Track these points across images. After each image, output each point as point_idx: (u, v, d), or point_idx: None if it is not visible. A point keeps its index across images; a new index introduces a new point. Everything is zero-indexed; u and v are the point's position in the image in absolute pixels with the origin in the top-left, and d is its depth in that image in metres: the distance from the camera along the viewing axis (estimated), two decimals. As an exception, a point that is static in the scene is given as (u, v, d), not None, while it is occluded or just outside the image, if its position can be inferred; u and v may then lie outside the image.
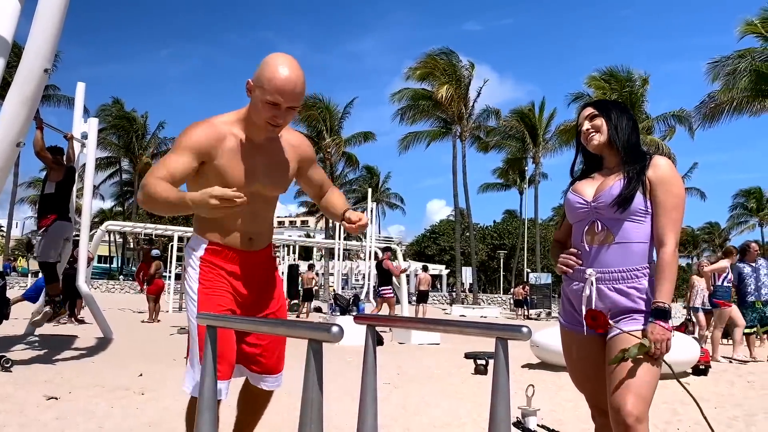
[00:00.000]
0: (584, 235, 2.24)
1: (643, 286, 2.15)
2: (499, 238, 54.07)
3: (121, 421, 3.98)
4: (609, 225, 2.19)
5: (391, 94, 37.21)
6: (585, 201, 2.24)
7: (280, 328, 1.62)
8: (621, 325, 2.13)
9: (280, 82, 2.12)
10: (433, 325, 2.02)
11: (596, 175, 2.31)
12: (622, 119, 2.26)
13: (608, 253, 2.17)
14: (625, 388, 2.04)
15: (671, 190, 2.14)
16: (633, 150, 2.23)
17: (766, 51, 24.51)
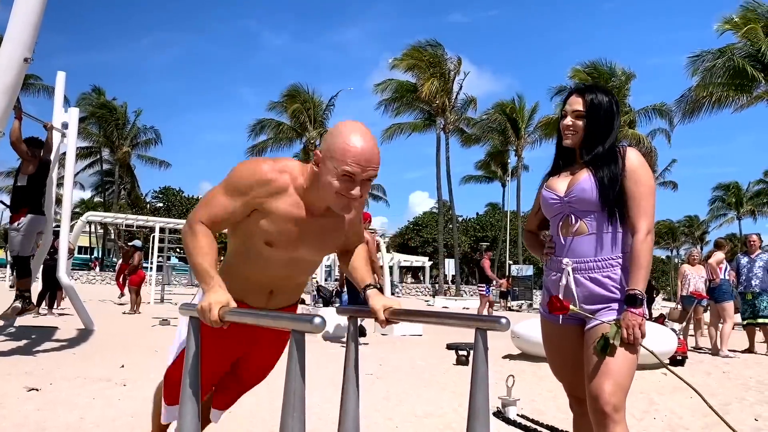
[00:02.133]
0: (559, 228, 2.32)
1: (617, 275, 2.20)
2: (482, 230, 54.36)
3: (103, 412, 3.97)
4: (582, 217, 2.25)
5: (375, 84, 37.17)
6: (558, 196, 2.31)
7: (264, 319, 1.65)
8: (599, 315, 2.18)
9: (357, 150, 1.85)
10: (414, 316, 2.05)
11: (568, 170, 2.36)
12: (608, 123, 2.27)
13: (583, 244, 2.24)
14: (603, 377, 2.09)
15: (640, 180, 2.20)
16: (603, 155, 2.25)
17: (744, 47, 24.82)
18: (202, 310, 1.78)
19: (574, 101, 2.30)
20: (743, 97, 25.31)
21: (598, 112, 2.26)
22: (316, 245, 2.10)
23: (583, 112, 2.27)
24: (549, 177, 2.42)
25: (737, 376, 7.02)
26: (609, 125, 2.27)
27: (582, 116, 2.27)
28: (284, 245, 2.02)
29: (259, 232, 2.00)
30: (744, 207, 56.39)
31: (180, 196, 55.22)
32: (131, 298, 13.57)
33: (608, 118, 2.27)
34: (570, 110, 2.30)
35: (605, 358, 2.11)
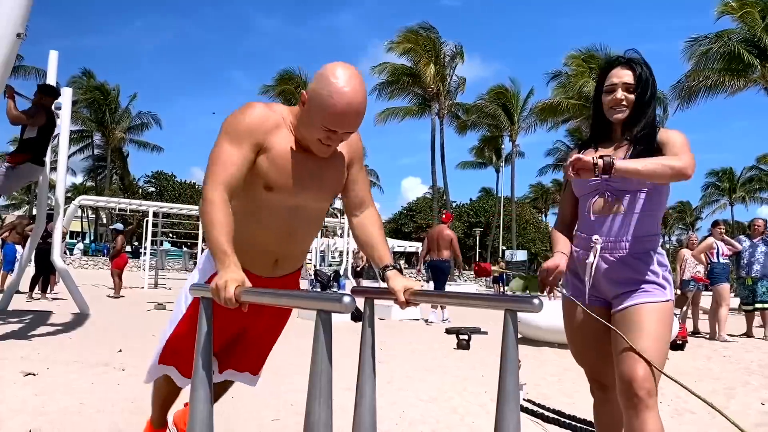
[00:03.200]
0: (592, 205, 2.18)
1: (649, 257, 2.12)
2: (476, 216, 54.34)
3: (103, 397, 3.89)
4: (619, 196, 2.14)
5: (371, 67, 36.91)
6: None
7: (284, 299, 1.56)
8: (631, 298, 2.10)
9: (341, 107, 1.81)
10: (437, 297, 1.97)
11: (600, 146, 2.25)
12: (652, 98, 2.18)
13: (615, 223, 2.13)
14: (636, 360, 2.01)
15: (677, 140, 2.09)
16: (647, 135, 2.15)
17: (741, 32, 24.76)
18: (217, 289, 1.67)
19: (623, 73, 2.17)
20: (738, 83, 25.28)
21: (646, 85, 2.16)
22: (315, 186, 2.02)
23: (634, 84, 2.15)
24: (580, 152, 2.27)
25: (738, 360, 7.01)
26: (653, 100, 2.19)
27: (632, 89, 2.15)
28: (284, 186, 1.95)
29: (260, 175, 1.93)
30: (737, 193, 56.62)
31: (172, 180, 54.84)
32: (114, 281, 13.42)
33: (653, 92, 2.19)
34: (620, 83, 2.16)
35: (639, 342, 2.02)
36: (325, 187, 2.05)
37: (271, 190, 1.94)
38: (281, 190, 1.96)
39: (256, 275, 2.03)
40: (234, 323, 2.18)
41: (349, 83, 1.81)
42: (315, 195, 2.05)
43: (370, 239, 2.12)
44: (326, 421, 1.35)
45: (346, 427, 1.97)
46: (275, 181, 1.94)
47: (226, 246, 1.76)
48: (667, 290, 2.11)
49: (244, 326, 2.26)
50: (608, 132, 2.25)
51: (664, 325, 2.06)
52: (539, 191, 69.29)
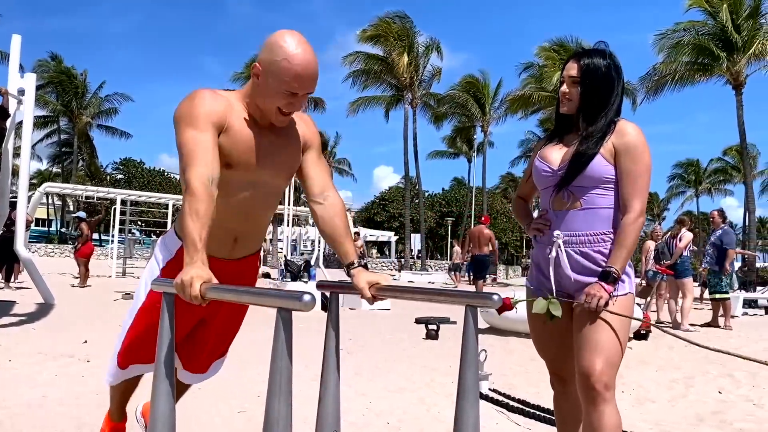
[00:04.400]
0: (551, 201, 2.23)
1: (608, 251, 2.14)
2: (447, 206, 54.58)
3: (67, 390, 3.85)
4: (575, 192, 2.17)
5: (343, 57, 36.63)
6: (551, 169, 2.23)
7: (246, 296, 1.56)
8: None
9: (299, 68, 1.85)
10: (401, 293, 1.98)
11: (565, 138, 2.27)
12: (606, 90, 2.16)
13: (575, 218, 2.17)
14: (594, 354, 2.05)
15: (639, 158, 2.11)
16: (602, 122, 2.16)
17: (707, 25, 25.19)
18: (182, 285, 1.65)
19: (570, 66, 2.20)
20: (705, 75, 25.75)
21: (593, 78, 2.15)
22: (272, 162, 2.03)
23: (578, 77, 2.16)
24: (544, 144, 2.33)
25: (699, 349, 7.17)
26: (607, 92, 2.16)
27: (577, 82, 2.16)
28: (243, 163, 1.97)
29: (221, 154, 1.92)
30: (702, 185, 57.77)
31: (141, 167, 53.97)
32: (79, 270, 13.20)
33: (606, 83, 2.16)
34: (566, 76, 2.19)
35: (597, 335, 2.07)
36: (281, 164, 2.08)
37: (231, 167, 1.95)
38: (240, 166, 1.97)
39: (217, 258, 2.01)
40: (192, 317, 2.16)
41: (300, 46, 1.87)
42: (272, 172, 2.06)
43: (335, 233, 2.10)
44: (286, 418, 1.36)
45: (315, 417, 1.99)
46: (235, 159, 1.96)
47: (198, 241, 1.74)
48: (627, 283, 2.15)
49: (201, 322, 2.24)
50: (572, 124, 2.26)
51: (621, 319, 2.10)
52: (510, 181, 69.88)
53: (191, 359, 2.37)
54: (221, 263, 2.06)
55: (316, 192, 2.13)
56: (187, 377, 2.41)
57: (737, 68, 24.66)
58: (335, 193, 2.16)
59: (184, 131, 1.89)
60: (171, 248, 2.12)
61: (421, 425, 3.52)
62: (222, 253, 2.09)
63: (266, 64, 1.89)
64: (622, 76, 2.21)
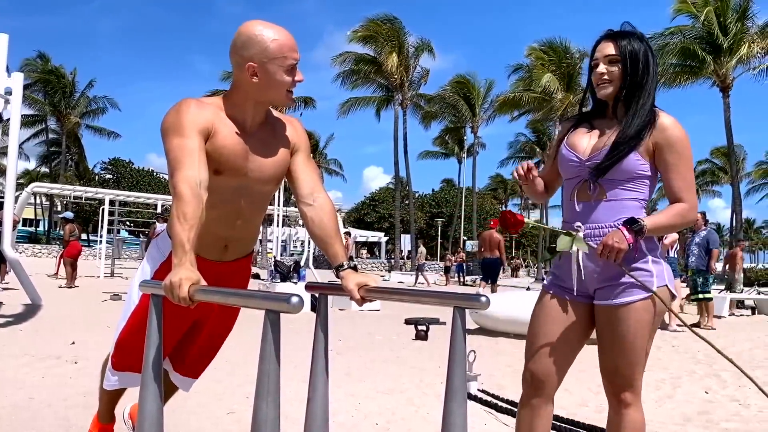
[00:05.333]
0: (575, 192, 2.09)
1: (637, 243, 1.98)
2: (437, 207, 54.70)
3: (54, 392, 3.82)
4: (603, 184, 2.03)
5: (333, 57, 36.60)
6: (578, 159, 2.07)
7: (233, 298, 1.55)
8: (614, 294, 2.02)
9: (287, 39, 1.94)
10: (390, 294, 1.99)
11: (595, 123, 2.12)
12: (645, 74, 2.02)
13: (598, 209, 2.04)
14: (616, 355, 2.01)
15: (683, 153, 2.01)
16: (641, 112, 2.01)
17: (694, 29, 25.41)
18: (171, 286, 1.64)
19: (605, 46, 2.04)
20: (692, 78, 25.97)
21: (635, 59, 2.01)
22: (260, 167, 2.05)
23: (618, 56, 2.01)
24: (572, 128, 2.17)
25: (686, 349, 7.24)
26: (646, 74, 2.02)
27: (617, 61, 2.01)
28: (231, 169, 1.99)
29: (209, 160, 1.93)
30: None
31: (130, 167, 53.71)
32: (66, 271, 13.09)
33: (646, 65, 2.02)
34: (601, 56, 2.04)
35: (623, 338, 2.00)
36: (270, 168, 2.08)
37: (220, 173, 1.96)
38: (228, 172, 1.98)
39: (208, 260, 2.04)
40: (183, 321, 2.16)
41: (269, 25, 1.95)
42: (260, 176, 2.07)
43: (324, 234, 2.09)
44: (274, 419, 1.36)
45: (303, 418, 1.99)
46: (223, 164, 1.97)
47: (186, 242, 1.74)
48: (654, 276, 2.01)
49: (193, 325, 2.24)
50: (603, 108, 2.13)
51: (646, 324, 2.01)
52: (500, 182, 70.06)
53: (183, 363, 2.37)
54: (212, 264, 2.08)
55: (305, 193, 2.12)
56: (178, 380, 2.42)
57: (724, 71, 24.87)
58: (324, 195, 2.15)
59: (170, 140, 1.91)
60: (164, 251, 2.11)
61: (410, 426, 3.52)
62: (213, 256, 2.11)
63: (259, 56, 1.92)
64: (657, 62, 2.11)
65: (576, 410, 3.96)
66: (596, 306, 2.08)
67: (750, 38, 24.55)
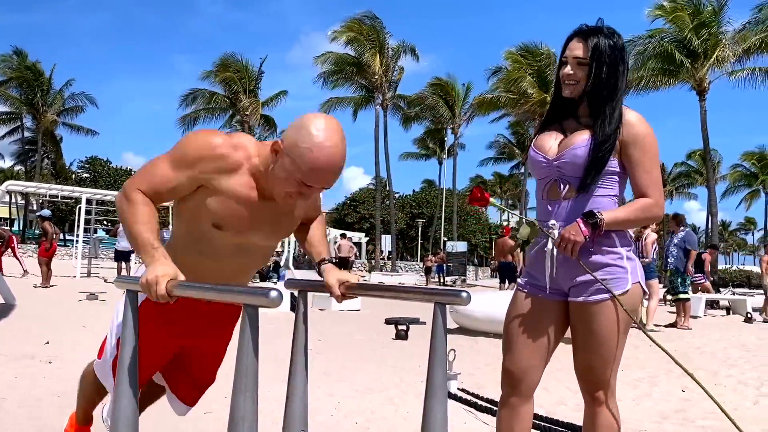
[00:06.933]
0: (546, 192, 2.10)
1: (611, 239, 2.01)
2: (418, 207, 54.78)
3: (28, 392, 3.75)
4: (573, 183, 2.04)
5: (314, 57, 36.48)
6: (546, 159, 2.08)
7: (211, 293, 1.53)
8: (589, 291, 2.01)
9: (322, 162, 1.66)
10: (371, 290, 1.97)
11: (564, 124, 2.12)
12: (613, 74, 2.00)
13: (569, 207, 2.03)
14: (590, 353, 2.02)
15: (648, 149, 2.01)
16: (610, 113, 2.00)
17: (672, 32, 25.74)
18: (148, 284, 1.60)
19: (574, 46, 2.02)
20: (670, 81, 26.30)
21: (601, 59, 1.98)
22: (268, 230, 1.91)
23: (585, 58, 1.99)
24: (539, 131, 2.17)
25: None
26: (615, 75, 2.00)
27: (585, 63, 1.99)
28: (234, 228, 1.83)
29: (207, 212, 1.80)
30: (666, 188, 58.90)
31: (107, 166, 53.05)
32: (42, 271, 12.88)
33: (614, 65, 2.00)
34: (570, 56, 2.02)
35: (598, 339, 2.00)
36: (278, 231, 1.95)
37: (220, 228, 1.83)
38: (230, 231, 1.84)
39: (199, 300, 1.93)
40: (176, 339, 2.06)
41: (331, 138, 1.67)
42: (266, 236, 1.95)
43: (312, 239, 2.08)
44: (252, 416, 1.34)
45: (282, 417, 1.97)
46: (224, 223, 1.82)
47: (151, 238, 1.70)
48: (629, 273, 2.02)
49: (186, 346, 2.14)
50: (572, 108, 2.10)
51: (620, 314, 2.00)
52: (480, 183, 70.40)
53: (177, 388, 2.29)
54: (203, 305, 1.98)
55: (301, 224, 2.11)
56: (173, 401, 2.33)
57: (700, 75, 25.22)
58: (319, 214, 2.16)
59: (165, 157, 1.80)
60: None
61: (390, 425, 3.51)
62: None
63: (289, 146, 1.69)
64: (627, 58, 2.09)
65: (555, 408, 3.97)
66: (570, 303, 2.08)
67: (724, 43, 24.93)
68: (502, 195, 71.95)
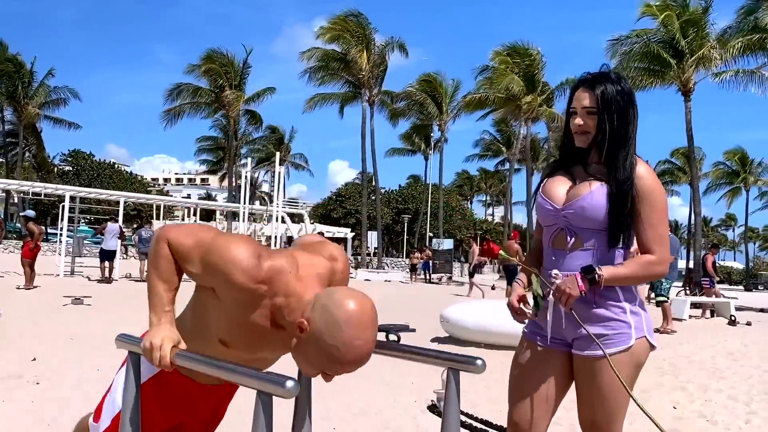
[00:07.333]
0: (552, 240, 2.08)
1: (614, 292, 1.98)
2: (404, 203, 54.77)
3: (15, 418, 3.64)
4: (581, 234, 2.01)
5: (300, 52, 36.23)
6: (554, 207, 2.05)
7: (220, 371, 1.47)
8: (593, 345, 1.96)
9: (348, 362, 1.51)
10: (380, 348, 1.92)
11: (573, 170, 2.10)
12: (623, 123, 1.99)
13: (577, 258, 2.00)
14: (594, 407, 2.00)
15: (656, 204, 1.98)
16: (622, 162, 1.98)
17: (659, 32, 25.87)
18: (152, 348, 1.55)
19: (581, 96, 2.01)
20: (656, 81, 26.45)
21: (611, 108, 1.97)
22: (279, 349, 1.74)
23: (594, 108, 1.98)
24: (548, 176, 2.15)
25: (652, 358, 7.33)
26: (626, 123, 1.99)
27: (594, 113, 1.99)
28: (241, 348, 1.70)
29: (215, 324, 1.68)
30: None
31: (90, 160, 52.47)
32: (25, 272, 12.69)
33: (624, 113, 1.99)
34: (579, 106, 2.01)
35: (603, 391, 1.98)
36: (289, 349, 1.71)
37: (227, 346, 1.69)
38: (238, 349, 1.70)
39: (206, 385, 1.85)
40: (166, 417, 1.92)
41: (362, 335, 1.49)
42: (278, 352, 1.80)
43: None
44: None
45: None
46: (232, 344, 1.69)
47: (165, 299, 1.64)
48: (633, 328, 1.98)
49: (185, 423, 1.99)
50: (582, 154, 2.09)
51: (624, 377, 1.94)
52: (466, 179, 70.60)
53: None
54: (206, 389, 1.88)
55: None
56: None
57: (686, 75, 25.39)
58: None
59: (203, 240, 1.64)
60: None
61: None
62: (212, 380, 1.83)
63: (316, 335, 1.51)
64: (636, 104, 2.05)
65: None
66: (574, 356, 2.05)
67: (710, 44, 25.09)
68: (487, 190, 72.22)
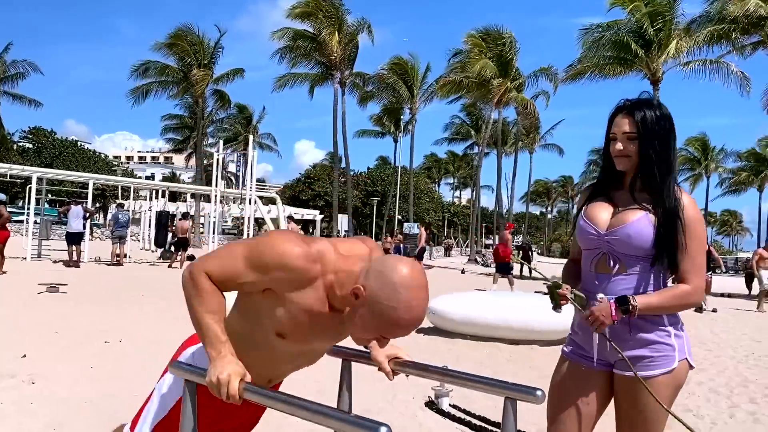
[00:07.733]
0: (594, 264, 2.11)
1: (660, 317, 2.03)
2: (372, 185, 54.76)
3: (19, 424, 3.54)
4: (624, 259, 2.04)
5: (272, 32, 35.66)
6: (596, 232, 2.08)
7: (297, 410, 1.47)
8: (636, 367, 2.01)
9: (406, 323, 1.59)
10: (428, 372, 1.95)
11: (612, 195, 2.14)
12: (665, 147, 2.03)
13: (620, 283, 2.04)
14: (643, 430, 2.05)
15: (697, 235, 2.02)
16: (668, 189, 2.02)
17: (629, 22, 26.20)
18: (219, 383, 1.55)
19: (621, 122, 2.06)
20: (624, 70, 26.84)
21: (651, 134, 2.02)
22: (332, 335, 1.82)
23: (634, 133, 2.03)
24: (589, 198, 2.19)
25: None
26: (667, 149, 2.03)
27: (634, 138, 2.03)
28: (298, 338, 1.74)
29: (272, 321, 1.71)
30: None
31: (52, 137, 51.07)
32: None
33: (665, 140, 2.03)
34: (619, 132, 2.05)
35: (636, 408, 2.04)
36: (341, 335, 1.84)
37: (283, 338, 1.73)
38: (293, 340, 1.75)
39: None
40: None
41: (418, 296, 1.57)
42: (329, 341, 1.88)
43: None
44: None
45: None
46: (288, 333, 1.73)
47: (221, 333, 1.64)
48: (676, 350, 2.03)
49: None
50: (619, 179, 2.13)
51: (664, 398, 2.01)
52: (434, 162, 70.87)
53: None
54: None
55: None
56: None
57: (655, 65, 25.79)
58: None
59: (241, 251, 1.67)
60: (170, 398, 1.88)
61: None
62: None
63: (372, 298, 1.58)
64: (675, 129, 2.09)
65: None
66: (615, 376, 2.10)
67: (678, 35, 25.50)
68: (455, 173, 72.60)
